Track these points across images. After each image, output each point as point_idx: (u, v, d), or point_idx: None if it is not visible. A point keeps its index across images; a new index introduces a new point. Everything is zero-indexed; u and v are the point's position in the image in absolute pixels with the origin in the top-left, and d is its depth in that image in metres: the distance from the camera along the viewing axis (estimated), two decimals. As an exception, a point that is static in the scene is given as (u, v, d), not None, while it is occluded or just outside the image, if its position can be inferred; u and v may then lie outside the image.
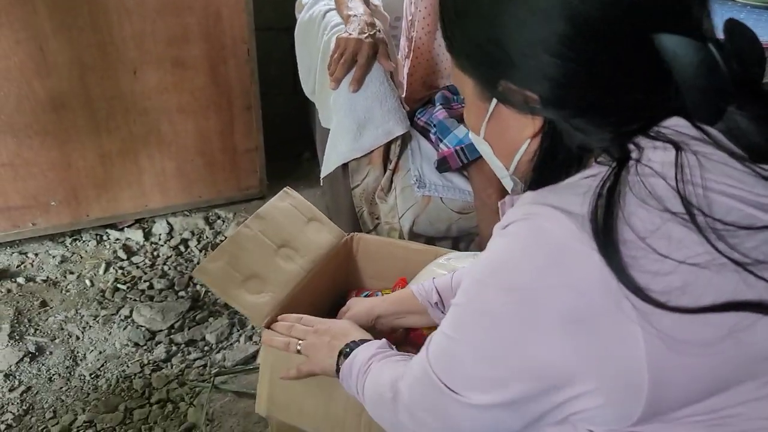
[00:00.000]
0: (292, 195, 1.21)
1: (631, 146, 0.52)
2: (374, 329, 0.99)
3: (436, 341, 0.61)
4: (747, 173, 0.50)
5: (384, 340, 0.83)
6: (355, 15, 1.40)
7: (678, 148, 0.50)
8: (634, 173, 0.50)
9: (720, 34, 0.53)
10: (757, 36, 0.52)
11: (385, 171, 1.47)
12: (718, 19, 0.54)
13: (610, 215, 0.48)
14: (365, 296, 1.16)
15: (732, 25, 0.52)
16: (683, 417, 0.50)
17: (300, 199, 1.22)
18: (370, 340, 0.84)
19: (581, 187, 0.51)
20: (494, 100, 0.59)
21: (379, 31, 1.39)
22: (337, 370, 0.83)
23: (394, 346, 0.83)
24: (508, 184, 0.67)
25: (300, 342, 0.92)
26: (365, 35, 1.34)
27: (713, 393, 0.49)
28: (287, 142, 2.25)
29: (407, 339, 1.06)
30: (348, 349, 0.83)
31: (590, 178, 0.52)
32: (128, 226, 1.93)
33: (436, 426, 0.62)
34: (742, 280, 0.47)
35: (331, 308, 1.13)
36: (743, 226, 0.48)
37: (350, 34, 1.35)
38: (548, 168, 0.56)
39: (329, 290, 1.21)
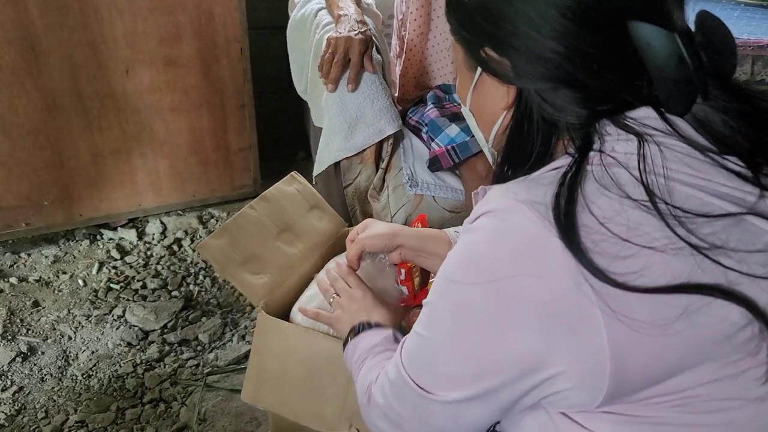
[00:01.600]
0: (298, 180, 1.21)
1: (596, 136, 0.53)
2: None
3: (409, 341, 0.62)
4: (708, 163, 0.51)
5: (391, 332, 0.83)
6: (345, 14, 1.40)
7: (641, 139, 0.51)
8: (597, 163, 0.51)
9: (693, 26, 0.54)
10: (728, 28, 0.53)
11: (377, 170, 1.47)
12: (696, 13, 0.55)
13: (572, 201, 0.49)
14: None
15: (703, 18, 0.53)
16: (646, 398, 0.51)
17: (305, 185, 1.22)
18: (383, 326, 0.85)
19: (546, 179, 0.52)
20: (479, 70, 0.61)
21: (370, 29, 1.39)
22: (345, 344, 0.86)
23: (400, 335, 0.83)
24: (490, 157, 0.69)
25: (334, 296, 0.96)
26: (355, 32, 1.34)
27: (673, 374, 0.50)
28: (282, 140, 2.25)
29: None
30: (360, 329, 0.85)
31: (556, 170, 0.54)
32: (121, 226, 1.92)
33: (412, 426, 0.63)
34: (697, 264, 0.48)
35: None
36: (701, 214, 0.49)
37: (340, 33, 1.35)
38: (518, 142, 0.58)
39: None
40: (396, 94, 1.59)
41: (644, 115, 0.54)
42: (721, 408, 0.51)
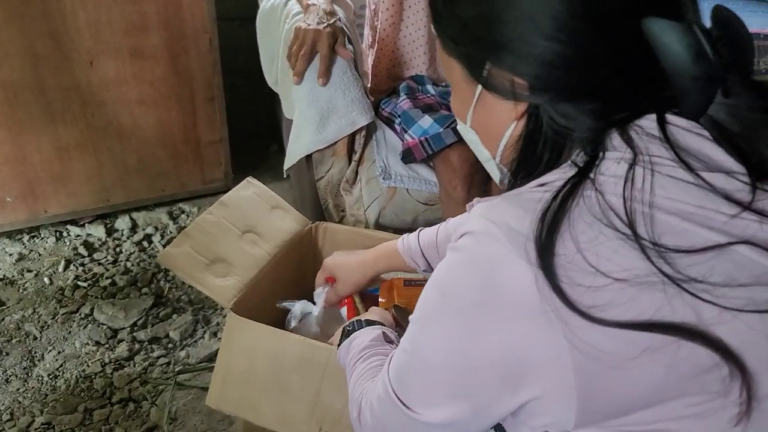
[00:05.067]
0: (255, 184, 1.22)
1: (602, 149, 0.51)
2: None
3: (395, 356, 0.62)
4: (699, 187, 0.49)
5: (380, 331, 0.82)
6: (314, 4, 1.37)
7: (634, 160, 0.49)
8: (589, 187, 0.49)
9: (708, 22, 0.52)
10: (744, 23, 0.51)
11: (349, 162, 1.45)
12: (709, 9, 0.54)
13: (554, 230, 0.48)
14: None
15: (719, 12, 0.51)
16: (620, 426, 0.50)
17: (263, 188, 1.22)
18: (373, 323, 0.84)
19: (531, 199, 0.50)
20: (480, 86, 0.58)
21: (339, 19, 1.36)
22: (339, 344, 0.86)
23: (395, 333, 0.83)
24: (496, 175, 0.66)
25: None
26: (324, 24, 1.31)
27: (641, 407, 0.49)
28: (254, 133, 2.21)
29: None
30: (350, 328, 0.85)
31: (544, 186, 0.52)
32: (89, 222, 1.87)
33: None
34: (668, 299, 0.46)
35: (298, 295, 1.14)
36: (681, 249, 0.47)
37: (309, 25, 1.32)
38: (530, 154, 0.55)
39: (294, 276, 1.21)
40: (368, 85, 1.56)
41: (650, 124, 0.51)
42: None
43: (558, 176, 0.52)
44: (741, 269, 0.47)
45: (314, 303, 1.11)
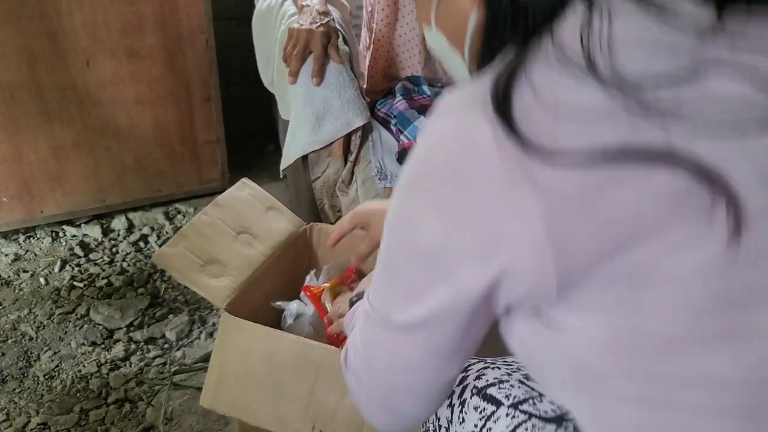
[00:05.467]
0: (249, 185, 1.23)
1: (561, 8, 0.49)
2: None
3: (372, 277, 0.61)
4: (662, 19, 0.46)
5: None
6: (308, 5, 1.37)
7: (590, 11, 0.47)
8: (546, 41, 0.48)
9: None
10: None
11: (345, 163, 1.45)
12: None
13: (509, 83, 0.46)
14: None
15: None
16: (602, 280, 0.47)
17: (258, 190, 1.23)
18: None
19: (490, 69, 0.49)
20: None
21: (333, 19, 1.36)
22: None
23: None
24: (466, 79, 0.65)
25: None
26: (317, 24, 1.31)
27: (624, 246, 0.45)
28: (251, 133, 2.22)
29: None
30: (355, 299, 0.85)
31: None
32: (85, 222, 1.87)
33: (379, 379, 0.61)
34: (634, 130, 0.43)
35: (292, 296, 1.14)
36: (648, 81, 0.44)
37: (302, 25, 1.32)
38: (494, 40, 0.54)
39: (289, 277, 1.21)
40: (364, 86, 1.57)
41: None
42: (677, 281, 0.45)
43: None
44: (712, 97, 0.45)
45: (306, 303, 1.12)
